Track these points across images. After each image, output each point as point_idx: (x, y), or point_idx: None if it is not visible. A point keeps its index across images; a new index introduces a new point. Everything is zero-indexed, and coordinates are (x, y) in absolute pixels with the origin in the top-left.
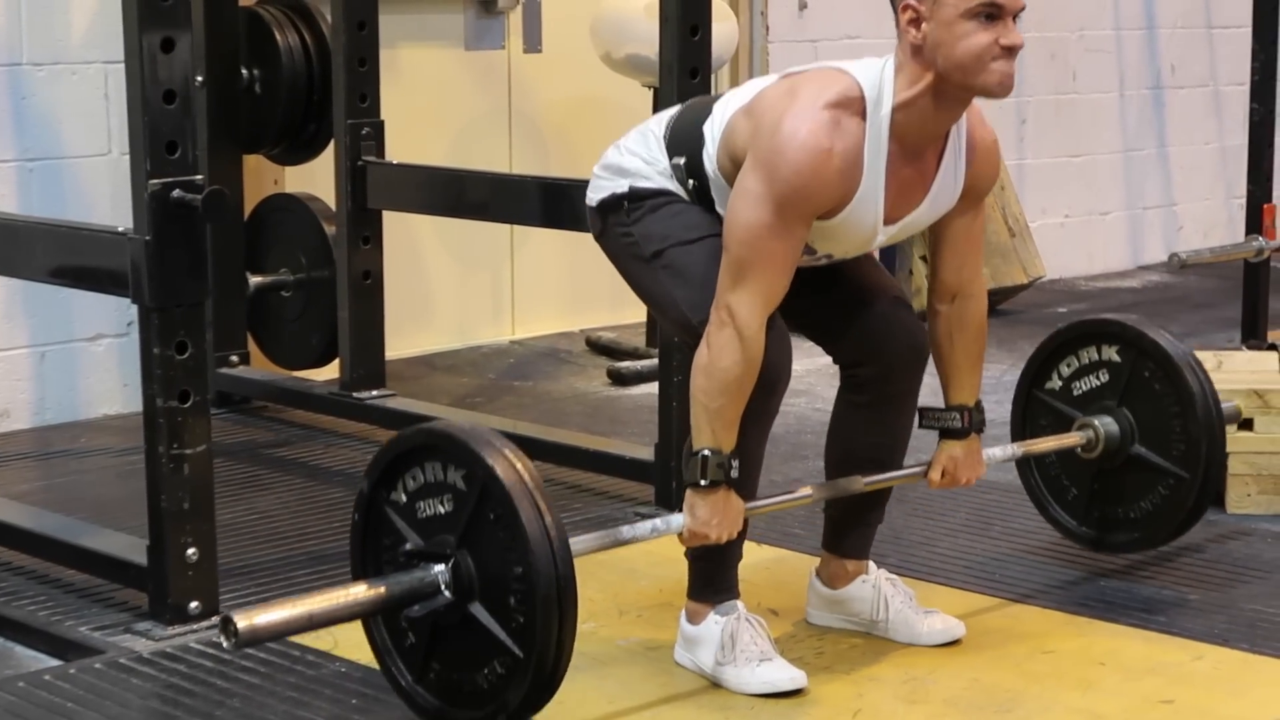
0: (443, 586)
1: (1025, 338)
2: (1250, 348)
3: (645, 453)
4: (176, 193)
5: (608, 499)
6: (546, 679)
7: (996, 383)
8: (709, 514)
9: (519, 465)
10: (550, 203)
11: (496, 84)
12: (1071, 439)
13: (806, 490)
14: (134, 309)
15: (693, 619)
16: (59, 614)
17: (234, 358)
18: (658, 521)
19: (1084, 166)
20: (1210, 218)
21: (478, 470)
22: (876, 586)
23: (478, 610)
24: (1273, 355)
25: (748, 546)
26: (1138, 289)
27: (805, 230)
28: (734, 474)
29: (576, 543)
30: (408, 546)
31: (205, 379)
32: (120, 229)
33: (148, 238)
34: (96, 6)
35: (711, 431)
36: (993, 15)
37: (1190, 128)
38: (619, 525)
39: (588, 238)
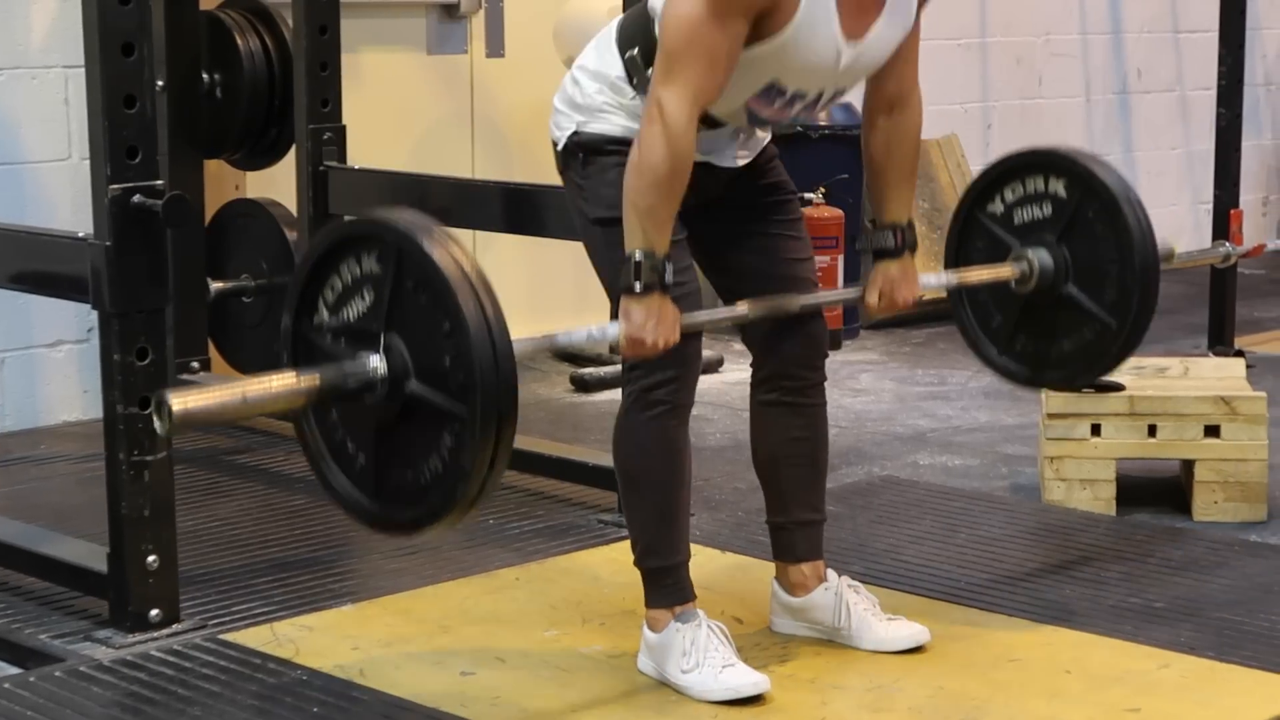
0: (377, 373)
1: None
2: (1217, 354)
3: (608, 459)
4: (137, 198)
5: (570, 506)
6: (496, 429)
7: (963, 389)
8: (644, 317)
9: (428, 223)
10: (513, 208)
11: (459, 89)
12: (1006, 270)
13: (743, 308)
14: (94, 315)
15: (654, 627)
16: (18, 622)
17: (195, 364)
18: (593, 328)
19: None
20: (1177, 223)
21: (388, 240)
22: (839, 594)
23: (415, 387)
24: (1240, 362)
25: (710, 554)
26: None
27: (743, 27)
28: (668, 278)
29: (515, 343)
30: (334, 347)
31: (166, 385)
32: (81, 234)
33: (108, 243)
34: (56, 11)
35: (643, 232)
36: None
37: (1156, 133)
38: (555, 333)
39: (551, 243)
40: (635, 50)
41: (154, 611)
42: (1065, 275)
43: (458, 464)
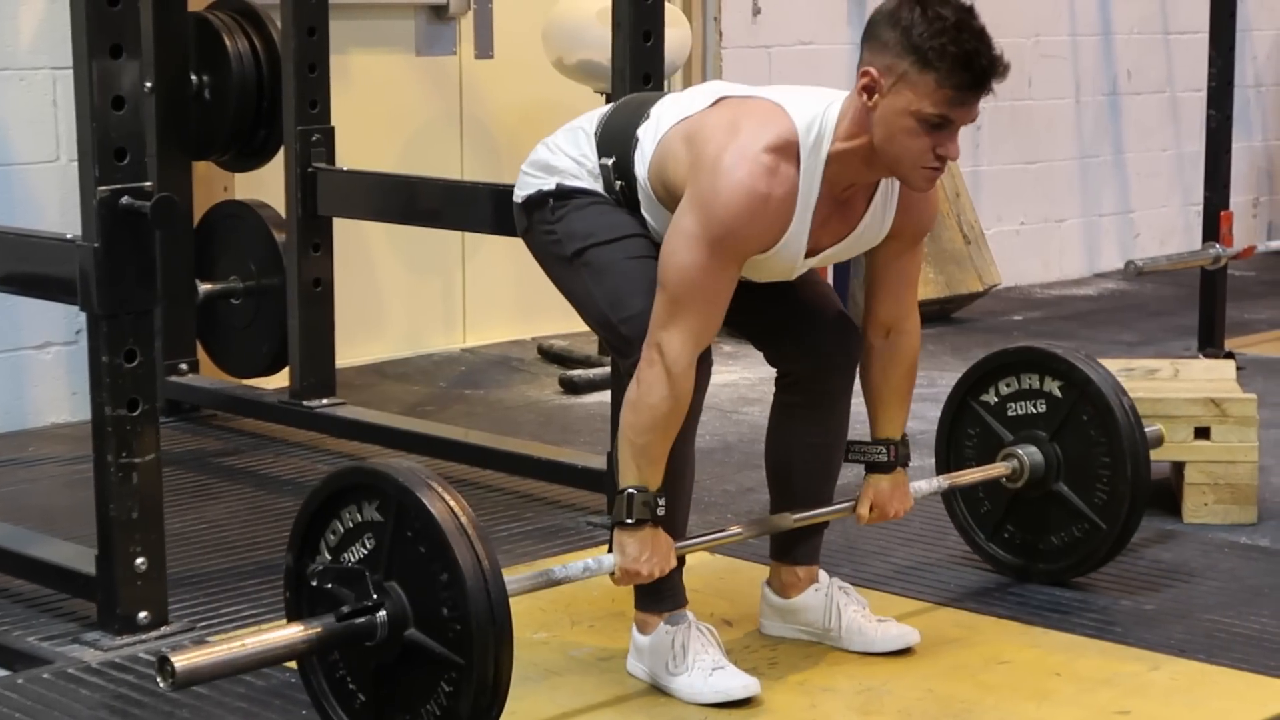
0: (376, 618)
1: (980, 345)
2: (1207, 356)
3: (597, 461)
4: (125, 199)
5: (559, 508)
6: (493, 679)
7: (947, 391)
8: (639, 551)
9: (428, 477)
10: (502, 209)
11: (448, 90)
12: (997, 470)
13: (736, 529)
14: (83, 317)
15: (643, 629)
16: (6, 624)
17: (183, 366)
18: (589, 561)
19: (1040, 173)
20: (1167, 225)
21: (389, 492)
22: (829, 595)
23: (414, 635)
24: (1230, 363)
25: (700, 556)
26: (1094, 296)
27: (738, 269)
28: (660, 511)
29: (509, 582)
30: (332, 583)
31: (154, 387)
32: (69, 236)
33: (96, 245)
34: (45, 12)
35: (637, 468)
36: (940, 125)
37: (1147, 134)
38: (551, 568)
39: None
40: (612, 161)
41: (142, 614)
42: (1056, 473)
43: (455, 713)
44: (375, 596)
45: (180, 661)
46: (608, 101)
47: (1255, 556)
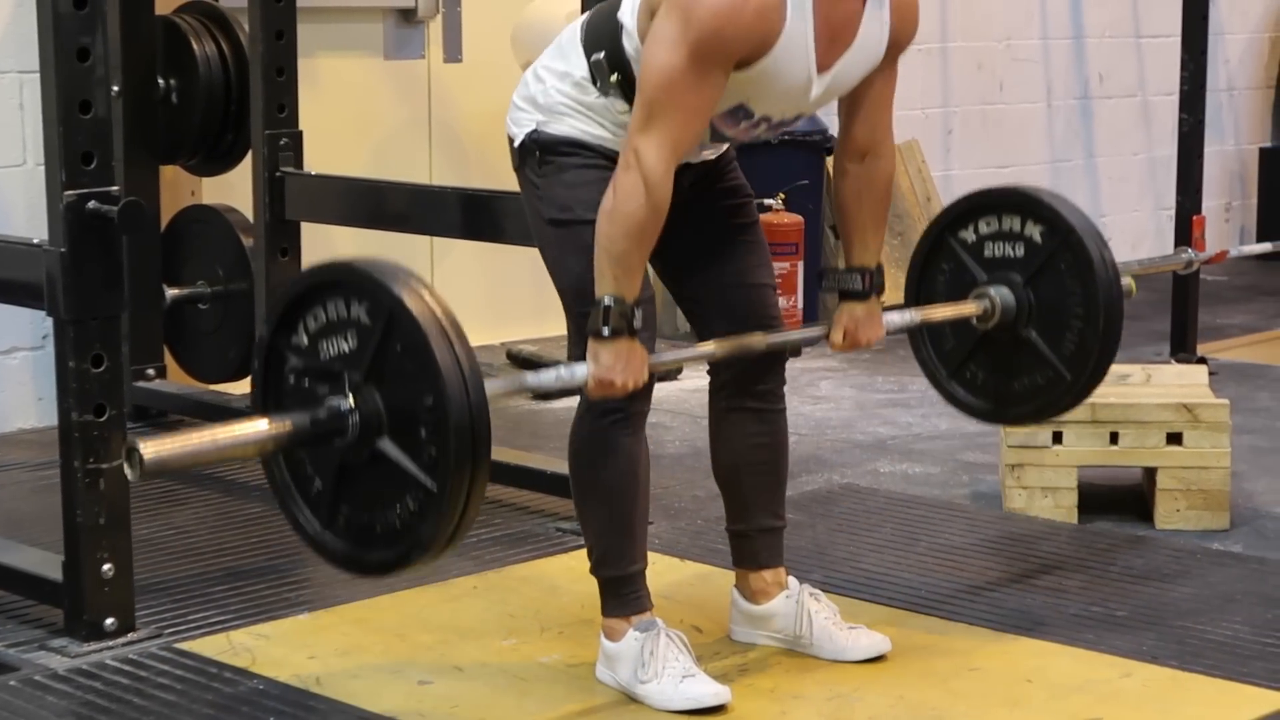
0: (349, 423)
1: None
2: (1179, 361)
3: (567, 467)
4: (92, 204)
5: (528, 514)
6: (462, 511)
7: (923, 396)
8: (613, 360)
9: (426, 294)
10: (471, 214)
11: (416, 94)
12: (969, 308)
13: (709, 347)
14: (49, 321)
15: (612, 636)
16: None
17: (150, 371)
18: (561, 370)
19: (1011, 177)
20: (1139, 229)
21: (383, 300)
22: (799, 602)
23: (387, 446)
24: (1202, 369)
25: (669, 563)
26: None
27: (723, 78)
28: (637, 323)
29: (486, 384)
30: (308, 382)
31: (121, 392)
32: (35, 240)
33: (63, 249)
34: (11, 15)
35: (614, 278)
36: None
37: (1118, 138)
38: (524, 374)
39: (509, 249)
40: (601, 55)
41: (109, 620)
42: (1027, 318)
43: (416, 531)
44: (350, 398)
45: (149, 451)
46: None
47: (1228, 563)
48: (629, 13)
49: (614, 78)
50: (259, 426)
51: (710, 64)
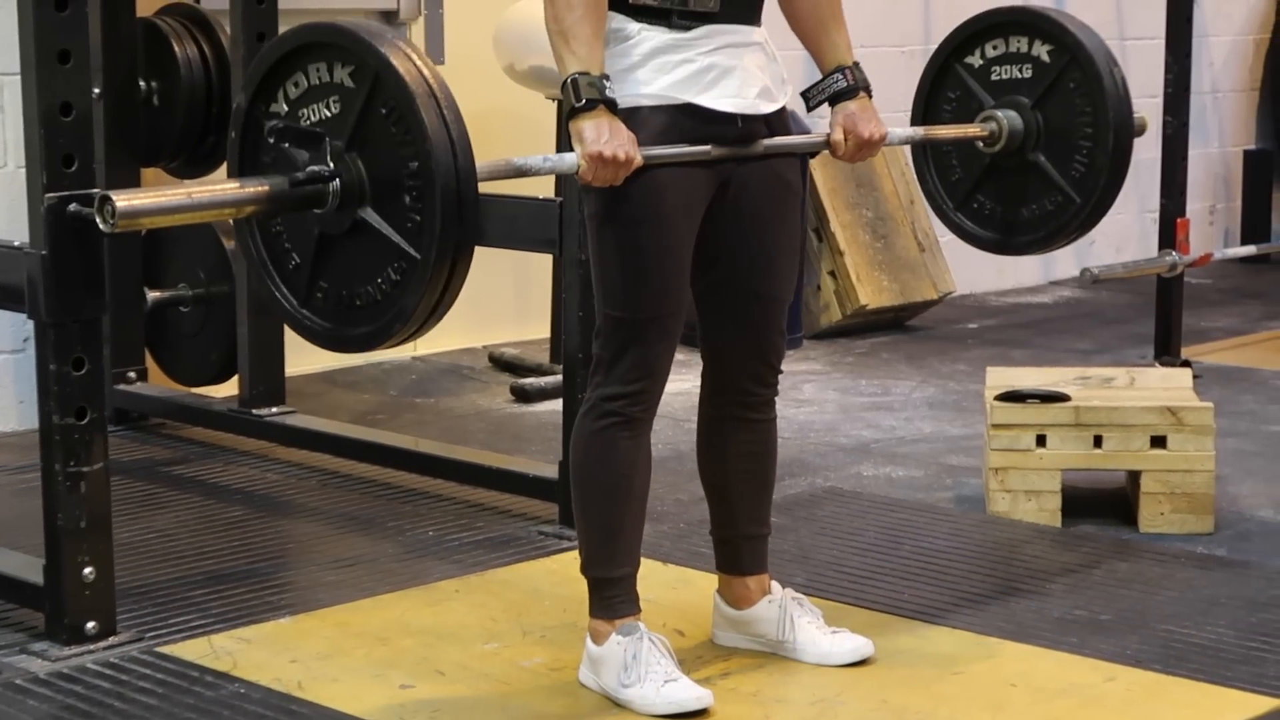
0: (329, 189)
1: (935, 354)
2: (1163, 364)
3: (549, 470)
4: (73, 206)
5: (511, 517)
6: (446, 280)
7: (906, 400)
8: (597, 132)
9: (414, 56)
10: None
11: None
12: (974, 129)
13: (707, 147)
14: (30, 324)
15: (595, 639)
16: None
17: (131, 374)
18: (550, 156)
19: None
20: (1123, 232)
21: (368, 61)
22: (782, 606)
23: (368, 214)
24: (1186, 372)
25: (653, 566)
26: (1049, 304)
27: None
28: (609, 93)
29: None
30: (288, 149)
31: (102, 396)
32: (16, 243)
33: (44, 252)
34: None
35: (573, 53)
36: None
37: None
38: (512, 158)
39: (492, 252)
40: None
41: (90, 624)
42: (1035, 142)
43: (399, 301)
44: (331, 165)
45: (122, 201)
46: (559, 108)
47: (1212, 567)
48: None
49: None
50: (236, 185)
51: None
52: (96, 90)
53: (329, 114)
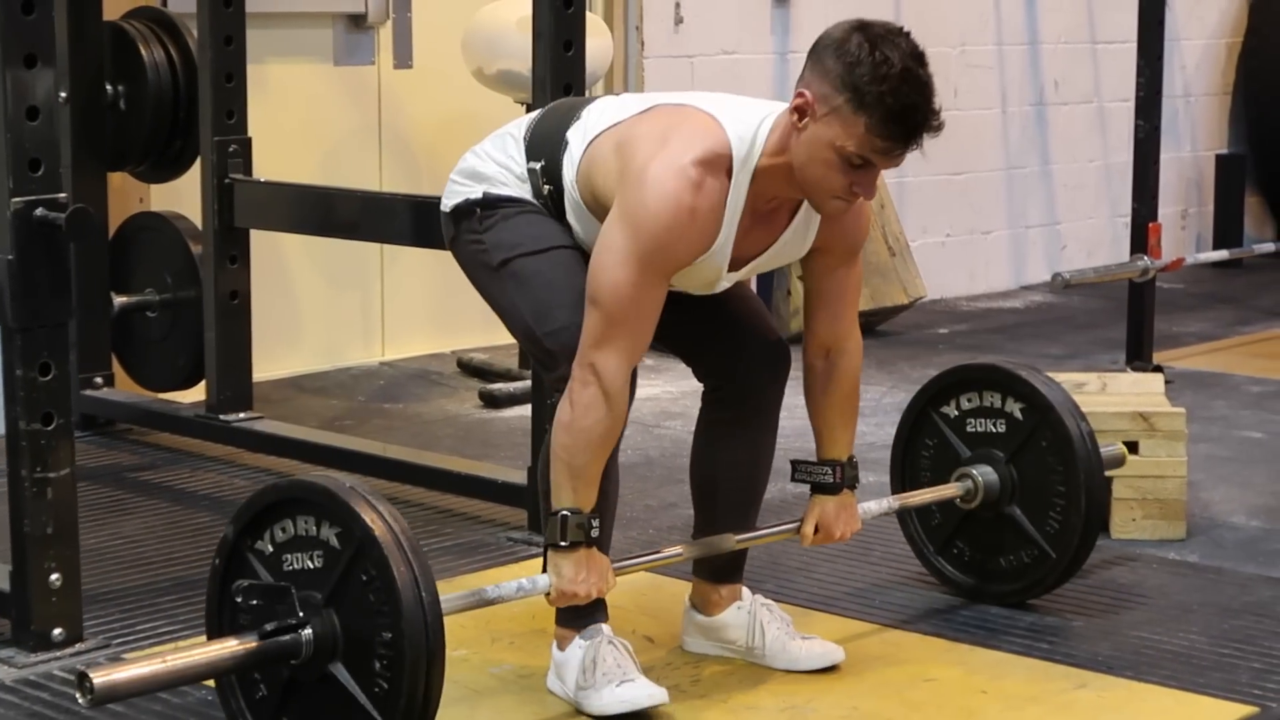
0: (303, 642)
1: (905, 359)
2: (1135, 369)
3: (518, 476)
4: (39, 211)
5: (479, 524)
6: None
7: (876, 405)
8: (574, 572)
9: (397, 528)
10: (421, 221)
11: (366, 100)
12: (950, 490)
13: (676, 549)
14: None
15: (561, 644)
16: None
17: (98, 379)
18: (524, 581)
19: (966, 184)
20: (1094, 237)
21: (355, 530)
22: (752, 613)
23: (338, 671)
24: (1158, 377)
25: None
26: (1020, 309)
27: (666, 283)
28: (595, 533)
29: (445, 601)
30: (266, 596)
31: (69, 401)
32: None
33: (10, 257)
34: None
35: (573, 490)
36: (861, 167)
37: (1074, 145)
38: (484, 588)
39: None
40: (539, 165)
41: (57, 630)
42: (1010, 496)
43: None
44: (303, 615)
45: (99, 678)
46: (529, 112)
47: (1184, 573)
48: (578, 140)
49: (546, 190)
50: (212, 648)
51: (659, 274)
52: (63, 94)
53: (312, 565)
